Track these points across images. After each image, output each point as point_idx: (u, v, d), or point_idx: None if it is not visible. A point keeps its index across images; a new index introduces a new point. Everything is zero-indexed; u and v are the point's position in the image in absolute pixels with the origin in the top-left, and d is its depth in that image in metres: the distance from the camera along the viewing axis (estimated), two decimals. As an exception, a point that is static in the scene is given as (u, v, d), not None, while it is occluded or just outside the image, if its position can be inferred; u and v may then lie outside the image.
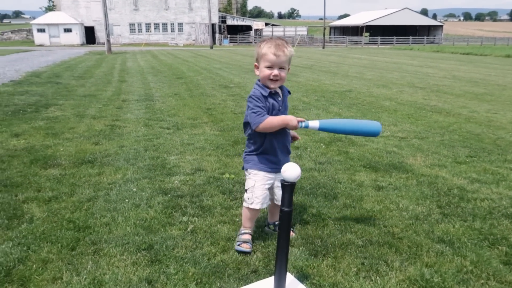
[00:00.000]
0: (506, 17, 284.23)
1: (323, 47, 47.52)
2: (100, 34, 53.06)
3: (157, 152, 4.55)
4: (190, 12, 59.01)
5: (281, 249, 1.87)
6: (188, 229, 2.70)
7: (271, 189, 2.52)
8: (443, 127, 6.23)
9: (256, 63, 2.37)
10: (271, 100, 2.35)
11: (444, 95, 9.85)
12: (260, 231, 2.72)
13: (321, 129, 2.34)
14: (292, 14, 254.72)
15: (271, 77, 2.28)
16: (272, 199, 2.57)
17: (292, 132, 2.56)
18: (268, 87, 2.34)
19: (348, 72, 16.14)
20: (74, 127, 5.77)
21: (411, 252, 2.46)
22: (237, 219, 2.86)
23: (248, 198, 2.47)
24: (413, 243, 2.57)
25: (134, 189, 3.41)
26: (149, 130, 5.68)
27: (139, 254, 2.41)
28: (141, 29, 58.19)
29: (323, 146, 4.94)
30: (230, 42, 59.48)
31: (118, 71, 15.25)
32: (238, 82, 11.79)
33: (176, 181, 3.60)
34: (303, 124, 2.32)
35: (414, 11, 72.16)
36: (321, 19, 76.79)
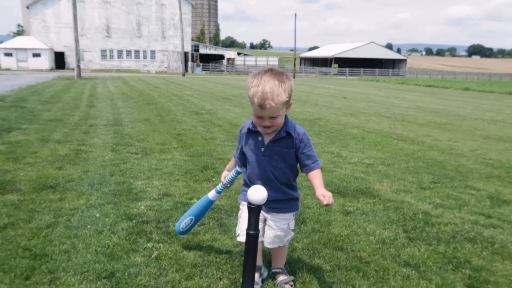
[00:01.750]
0: (464, 53, 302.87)
1: (294, 77, 48.70)
2: (70, 60, 52.43)
3: (123, 177, 4.43)
4: (163, 40, 59.42)
5: (247, 275, 1.83)
6: (153, 256, 2.60)
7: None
8: (408, 154, 6.42)
9: None
10: (250, 139, 2.16)
11: (409, 124, 10.21)
12: (227, 256, 2.65)
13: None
14: (264, 45, 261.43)
15: (262, 126, 2.05)
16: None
17: (319, 192, 1.99)
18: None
19: (317, 101, 16.53)
20: (37, 151, 5.56)
21: (378, 277, 2.46)
22: (204, 245, 2.79)
23: (236, 230, 2.37)
24: (380, 267, 2.57)
25: (97, 215, 3.28)
26: (116, 155, 5.54)
27: (99, 282, 2.29)
28: (112, 56, 57.89)
29: (293, 172, 4.96)
30: (203, 70, 60.02)
31: (87, 96, 14.98)
32: (209, 109, 11.82)
33: (142, 207, 3.50)
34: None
35: (379, 45, 75.55)
36: (292, 50, 79.02)
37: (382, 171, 5.23)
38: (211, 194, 2.59)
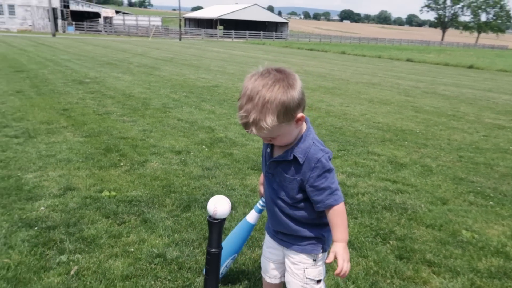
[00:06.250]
0: (337, 17, 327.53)
1: (180, 39, 46.85)
2: None
3: (7, 170, 3.68)
4: (24, -7, 51.23)
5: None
6: (72, 272, 2.19)
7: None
8: (310, 122, 6.64)
9: None
10: (264, 146, 1.61)
11: (302, 90, 10.61)
12: (161, 260, 2.37)
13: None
14: (143, 3, 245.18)
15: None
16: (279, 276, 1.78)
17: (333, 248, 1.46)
18: None
19: (210, 66, 16.16)
20: None
21: (321, 260, 2.45)
22: (132, 249, 2.45)
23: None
24: (320, 250, 2.58)
25: (-17, 225, 2.66)
26: (-10, 140, 4.60)
27: (7, 319, 1.84)
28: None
29: (206, 149, 4.73)
30: (76, 29, 53.82)
31: None
32: (94, 77, 10.63)
33: (42, 207, 2.94)
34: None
35: (262, 7, 76.69)
36: (174, 9, 75.59)
37: (291, 142, 5.30)
38: (252, 217, 1.94)
